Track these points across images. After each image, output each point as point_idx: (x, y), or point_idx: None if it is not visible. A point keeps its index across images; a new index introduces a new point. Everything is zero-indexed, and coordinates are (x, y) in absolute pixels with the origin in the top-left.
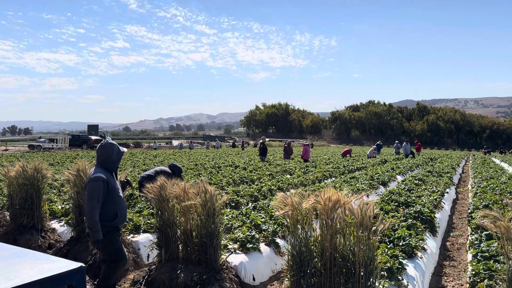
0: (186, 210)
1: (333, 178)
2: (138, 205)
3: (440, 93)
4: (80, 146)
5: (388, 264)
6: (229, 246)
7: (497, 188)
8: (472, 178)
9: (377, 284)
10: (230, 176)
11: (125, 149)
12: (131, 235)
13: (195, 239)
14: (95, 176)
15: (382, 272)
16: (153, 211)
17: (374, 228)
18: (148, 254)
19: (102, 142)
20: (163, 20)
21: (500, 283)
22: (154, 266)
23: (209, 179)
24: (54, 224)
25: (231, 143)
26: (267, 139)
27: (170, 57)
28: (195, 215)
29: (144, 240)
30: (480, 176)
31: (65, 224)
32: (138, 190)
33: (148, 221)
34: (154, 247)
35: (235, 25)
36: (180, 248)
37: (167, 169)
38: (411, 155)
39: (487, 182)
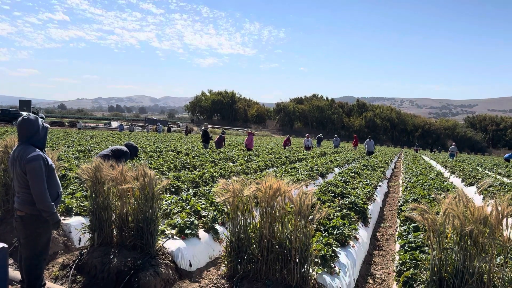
0: (123, 193)
1: (275, 168)
2: (71, 187)
3: (379, 91)
4: (10, 122)
5: (322, 252)
6: (167, 232)
7: (425, 184)
8: (404, 174)
9: (311, 270)
10: (172, 161)
11: (48, 125)
12: (62, 217)
13: (131, 224)
14: (33, 156)
15: (316, 259)
16: (87, 193)
17: (311, 216)
18: (80, 238)
19: (24, 116)
20: None
21: (424, 271)
22: (86, 250)
23: (149, 163)
24: None
25: (166, 128)
26: (209, 126)
27: (113, 34)
28: (132, 199)
29: (76, 223)
30: (411, 172)
31: None
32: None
33: (81, 203)
34: (87, 231)
35: (184, 7)
36: (115, 232)
37: (124, 148)
38: (370, 154)
39: (417, 177)
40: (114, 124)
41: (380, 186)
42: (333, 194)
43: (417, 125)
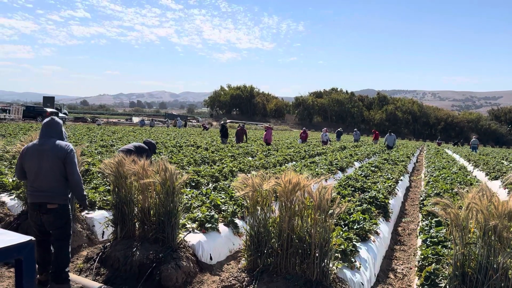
0: (144, 187)
1: (294, 162)
2: (94, 181)
3: (400, 84)
4: (34, 118)
5: (342, 246)
6: (188, 226)
7: (448, 178)
8: (426, 168)
9: (331, 265)
10: (192, 156)
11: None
12: (86, 212)
13: (153, 218)
14: (71, 147)
15: (336, 254)
16: (109, 187)
17: (331, 211)
18: (103, 231)
19: (52, 116)
20: None
21: (447, 267)
22: (109, 243)
23: (170, 158)
24: (4, 198)
25: (184, 123)
26: (228, 121)
27: (133, 30)
28: (154, 193)
29: (99, 217)
30: (433, 166)
31: (15, 198)
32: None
33: (104, 197)
34: (110, 225)
35: (202, 1)
36: (137, 226)
37: (144, 145)
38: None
39: (439, 171)
40: (135, 119)
41: (401, 180)
42: (353, 189)
43: (440, 118)
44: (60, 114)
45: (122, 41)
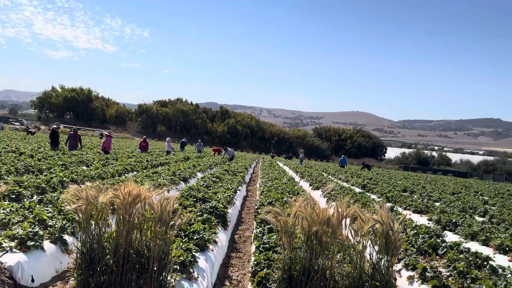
0: None
1: (135, 172)
2: None
3: (241, 99)
4: None
5: (182, 258)
6: (4, 244)
7: (279, 188)
8: (261, 178)
9: (169, 278)
10: (12, 164)
11: None
12: None
13: None
14: None
15: (175, 266)
16: None
17: (172, 222)
18: None
19: None
20: None
21: (276, 271)
22: None
23: None
24: None
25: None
26: (61, 126)
27: None
28: None
29: None
30: (267, 177)
31: None
32: None
33: None
34: None
35: None
36: None
37: None
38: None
39: (272, 182)
40: None
41: (239, 190)
42: (195, 199)
43: (274, 133)
44: None
45: None
